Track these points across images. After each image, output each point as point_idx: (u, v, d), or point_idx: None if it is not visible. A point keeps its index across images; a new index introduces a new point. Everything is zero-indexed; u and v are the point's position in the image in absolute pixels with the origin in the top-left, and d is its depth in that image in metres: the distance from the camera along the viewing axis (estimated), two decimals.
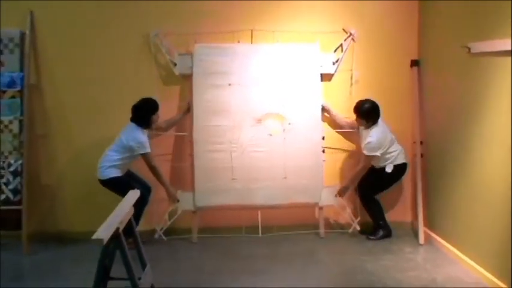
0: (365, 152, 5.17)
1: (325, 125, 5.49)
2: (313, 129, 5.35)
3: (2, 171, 5.11)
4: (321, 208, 5.43)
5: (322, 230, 5.44)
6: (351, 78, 5.51)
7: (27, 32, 5.21)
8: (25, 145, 5.13)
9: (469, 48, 4.39)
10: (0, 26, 5.16)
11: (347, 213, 5.52)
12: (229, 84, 5.26)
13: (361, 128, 5.29)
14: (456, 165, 4.81)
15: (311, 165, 5.33)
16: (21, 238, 5.07)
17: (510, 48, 3.81)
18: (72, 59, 5.37)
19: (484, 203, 4.34)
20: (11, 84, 5.15)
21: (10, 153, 5.16)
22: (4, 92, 5.17)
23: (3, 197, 5.10)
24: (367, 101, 5.20)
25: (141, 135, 5.01)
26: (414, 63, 5.52)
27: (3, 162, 5.12)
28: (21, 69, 5.19)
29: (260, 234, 5.33)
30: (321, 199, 5.38)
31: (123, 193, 4.98)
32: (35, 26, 5.27)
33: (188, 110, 5.34)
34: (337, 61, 5.37)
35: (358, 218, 5.47)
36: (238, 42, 5.35)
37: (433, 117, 5.28)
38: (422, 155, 5.37)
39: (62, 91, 5.38)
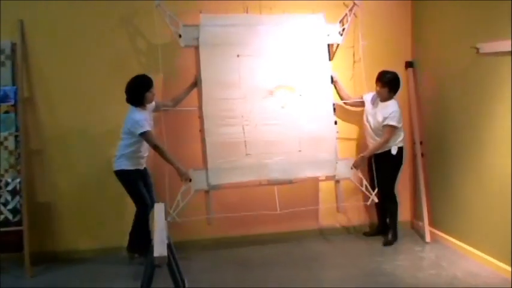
0: (391, 123, 5.08)
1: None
2: (324, 100, 5.21)
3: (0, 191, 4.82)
4: (337, 181, 5.30)
5: (341, 204, 5.35)
6: (353, 55, 5.52)
7: (18, 42, 4.93)
8: (22, 162, 4.85)
9: (478, 49, 4.54)
10: None
11: (363, 185, 5.33)
12: (238, 56, 5.02)
13: (375, 102, 5.22)
14: (459, 162, 4.98)
15: (325, 137, 5.18)
16: (17, 260, 4.81)
17: None
18: (66, 70, 5.11)
19: (492, 196, 4.54)
20: (4, 98, 4.84)
21: (6, 171, 4.84)
22: None
23: (1, 217, 4.79)
24: (389, 71, 5.17)
25: (137, 114, 4.69)
26: (409, 64, 5.64)
27: (0, 181, 4.83)
28: (14, 83, 4.91)
29: (278, 211, 5.06)
30: (337, 172, 5.23)
31: (129, 190, 4.84)
32: (25, 36, 4.99)
33: (195, 83, 5.05)
34: (343, 30, 5.29)
35: (376, 190, 5.30)
36: (247, 12, 5.14)
37: (432, 117, 5.41)
38: (422, 155, 5.49)
39: (56, 104, 5.12)
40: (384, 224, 5.48)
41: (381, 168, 5.28)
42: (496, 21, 4.35)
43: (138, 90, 4.72)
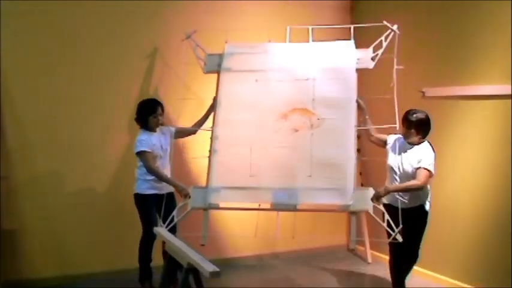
0: (427, 166, 4.40)
1: None
2: (345, 124, 4.76)
3: None
4: (353, 213, 4.63)
5: (354, 239, 4.87)
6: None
7: None
8: None
9: (423, 92, 5.31)
10: None
11: (385, 220, 4.46)
12: (256, 80, 4.95)
13: (404, 145, 4.61)
14: None
15: (341, 164, 4.64)
16: None
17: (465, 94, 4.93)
18: (39, 95, 5.07)
19: (439, 219, 5.19)
20: None
21: None
22: None
23: None
24: (417, 110, 4.53)
25: (140, 135, 4.78)
26: None
27: None
28: None
29: (277, 238, 4.98)
30: (353, 202, 4.56)
31: (139, 215, 4.84)
32: None
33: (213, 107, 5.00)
34: (376, 55, 4.84)
35: (400, 227, 4.30)
36: (269, 41, 5.13)
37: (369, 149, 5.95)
38: (362, 185, 6.09)
39: (26, 130, 5.03)
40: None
41: (414, 225, 4.53)
42: (441, 68, 5.20)
43: (141, 114, 4.83)
